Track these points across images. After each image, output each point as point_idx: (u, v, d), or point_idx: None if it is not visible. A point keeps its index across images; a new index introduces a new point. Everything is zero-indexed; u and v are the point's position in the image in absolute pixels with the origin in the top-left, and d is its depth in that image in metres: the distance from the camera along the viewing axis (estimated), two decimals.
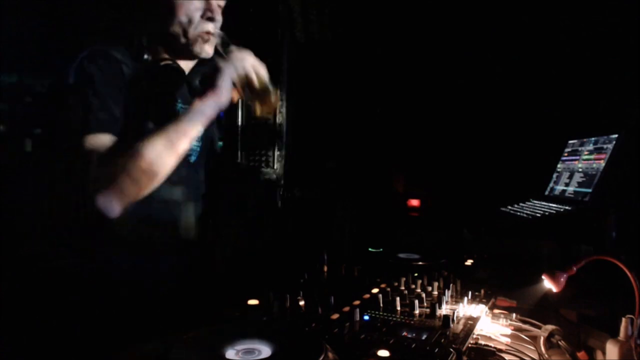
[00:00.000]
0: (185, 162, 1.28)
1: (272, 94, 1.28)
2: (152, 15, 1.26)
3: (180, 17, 1.23)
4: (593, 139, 1.72)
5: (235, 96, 1.27)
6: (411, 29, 2.66)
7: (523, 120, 2.31)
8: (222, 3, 1.30)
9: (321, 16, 2.64)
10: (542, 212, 1.67)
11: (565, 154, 1.90)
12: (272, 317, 1.03)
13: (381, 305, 1.10)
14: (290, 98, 2.53)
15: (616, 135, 1.60)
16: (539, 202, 1.82)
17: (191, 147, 1.31)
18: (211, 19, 1.26)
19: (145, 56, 1.27)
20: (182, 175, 1.28)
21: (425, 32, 2.61)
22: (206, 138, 1.41)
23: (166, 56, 1.29)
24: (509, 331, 1.06)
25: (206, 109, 1.17)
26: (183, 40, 1.25)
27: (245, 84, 1.24)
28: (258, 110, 1.29)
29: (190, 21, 1.23)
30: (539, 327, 1.06)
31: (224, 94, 1.18)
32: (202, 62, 1.34)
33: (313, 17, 2.61)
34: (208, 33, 1.26)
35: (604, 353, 0.94)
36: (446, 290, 1.17)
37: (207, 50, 1.29)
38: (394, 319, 1.02)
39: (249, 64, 1.23)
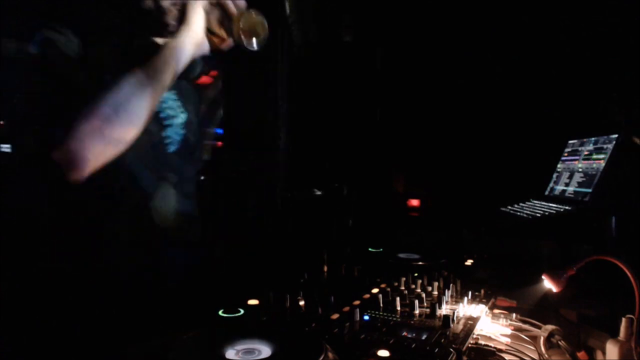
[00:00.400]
0: (162, 152, 1.22)
1: (257, 19, 1.14)
2: None
3: None
4: (593, 139, 1.72)
5: (216, 40, 1.16)
6: (411, 29, 2.66)
7: (523, 120, 2.31)
8: None
9: (321, 17, 2.64)
10: (542, 212, 1.67)
11: (565, 154, 1.90)
12: (272, 317, 1.03)
13: (381, 305, 1.10)
14: (290, 98, 2.53)
15: (616, 135, 1.60)
16: (539, 202, 1.82)
17: (169, 135, 1.25)
18: None
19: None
20: (165, 164, 1.23)
21: (425, 32, 2.61)
22: (193, 130, 1.33)
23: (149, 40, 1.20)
24: (509, 331, 1.05)
25: (180, 45, 1.08)
26: (156, 13, 1.14)
27: (222, 16, 1.13)
28: (245, 40, 1.14)
29: None
30: (539, 327, 1.06)
31: (196, 23, 1.09)
32: None
33: (313, 18, 2.61)
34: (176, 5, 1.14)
35: (604, 353, 0.94)
36: (446, 290, 1.16)
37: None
38: (394, 319, 1.02)
39: None
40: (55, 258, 1.27)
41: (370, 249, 1.66)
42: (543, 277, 1.16)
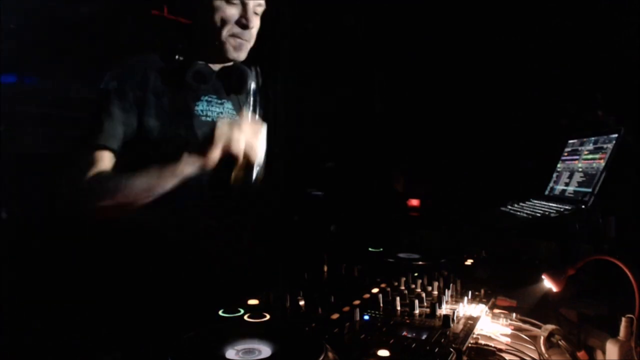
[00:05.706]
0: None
1: (248, 173, 1.30)
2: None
3: (215, 20, 1.30)
4: (593, 138, 1.72)
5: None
6: (411, 29, 2.66)
7: (523, 120, 2.31)
8: (260, 9, 1.36)
9: (321, 15, 2.64)
10: (542, 211, 1.66)
11: (565, 154, 1.89)
12: (272, 317, 1.03)
13: (381, 305, 1.10)
14: (290, 98, 2.53)
15: (616, 135, 1.60)
16: (539, 202, 1.82)
17: None
18: (245, 26, 1.33)
19: (177, 57, 1.36)
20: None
21: (425, 31, 2.61)
22: None
23: (198, 60, 1.36)
24: (509, 331, 1.05)
25: (194, 164, 1.22)
26: (215, 43, 1.33)
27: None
28: (232, 177, 1.30)
29: (223, 25, 1.30)
30: (539, 327, 1.05)
31: (210, 161, 1.22)
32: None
33: (312, 16, 2.61)
34: (239, 39, 1.34)
35: (604, 353, 0.94)
36: (446, 290, 1.16)
37: (240, 55, 1.37)
38: (394, 319, 1.02)
39: (244, 143, 1.25)
40: (57, 256, 1.27)
41: (370, 249, 1.66)
42: (543, 277, 1.16)
